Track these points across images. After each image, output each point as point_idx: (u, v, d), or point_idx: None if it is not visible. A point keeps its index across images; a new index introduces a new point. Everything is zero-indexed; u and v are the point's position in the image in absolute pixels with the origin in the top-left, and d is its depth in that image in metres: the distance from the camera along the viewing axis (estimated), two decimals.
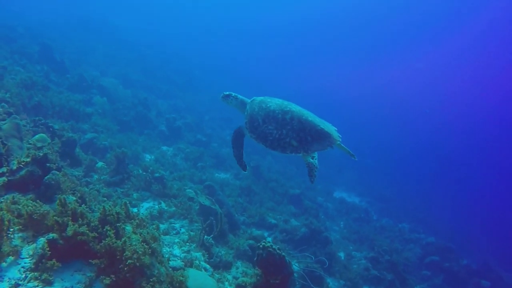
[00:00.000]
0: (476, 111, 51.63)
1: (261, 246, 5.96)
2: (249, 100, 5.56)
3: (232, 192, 12.66)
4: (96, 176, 9.00)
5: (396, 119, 51.18)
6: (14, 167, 6.14)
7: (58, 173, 6.34)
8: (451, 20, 54.15)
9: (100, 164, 9.59)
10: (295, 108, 5.05)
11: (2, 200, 5.71)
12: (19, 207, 5.25)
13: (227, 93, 5.67)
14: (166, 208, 8.70)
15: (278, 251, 5.87)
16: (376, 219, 20.33)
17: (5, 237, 4.45)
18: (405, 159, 36.98)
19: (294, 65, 65.76)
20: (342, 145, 5.06)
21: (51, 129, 9.03)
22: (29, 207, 4.90)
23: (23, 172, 6.09)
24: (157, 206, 8.70)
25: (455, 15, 52.92)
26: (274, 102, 5.12)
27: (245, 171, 5.55)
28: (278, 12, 76.31)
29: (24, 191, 6.11)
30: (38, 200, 5.97)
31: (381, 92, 59.62)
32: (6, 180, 6.02)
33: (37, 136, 7.88)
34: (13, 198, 5.56)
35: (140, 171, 9.77)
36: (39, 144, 7.65)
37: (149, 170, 9.53)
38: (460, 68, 57.06)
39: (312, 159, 4.98)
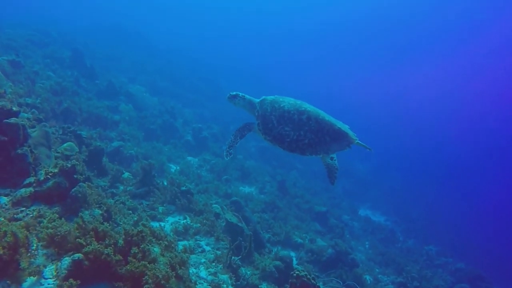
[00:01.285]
0: (496, 120, 49.69)
1: (295, 275, 5.59)
2: (258, 100, 5.39)
3: (256, 207, 12.32)
4: (122, 187, 8.81)
5: (412, 128, 49.53)
6: (42, 178, 5.97)
7: (84, 185, 6.15)
8: (469, 28, 52.95)
9: (126, 174, 9.41)
10: (309, 108, 4.89)
11: (29, 212, 5.55)
12: (44, 221, 5.06)
13: (234, 93, 5.47)
14: (191, 223, 8.41)
15: (312, 281, 5.49)
16: (402, 240, 19.63)
17: (24, 254, 4.19)
18: (425, 171, 35.50)
19: (314, 70, 65.75)
20: (359, 142, 4.89)
21: (79, 137, 8.91)
22: (49, 229, 4.64)
23: (50, 184, 5.91)
24: (182, 221, 8.42)
25: (473, 23, 51.74)
26: (287, 102, 4.96)
27: (226, 159, 5.35)
28: (299, 17, 76.40)
29: (50, 202, 5.93)
30: (63, 212, 5.84)
31: (394, 99, 58.55)
32: (33, 191, 5.86)
33: (65, 144, 7.74)
34: (39, 212, 5.37)
35: (166, 184, 9.54)
36: (67, 153, 7.50)
37: (176, 183, 9.27)
38: (477, 76, 55.59)
39: (331, 160, 4.90)
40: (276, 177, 15.96)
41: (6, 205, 5.63)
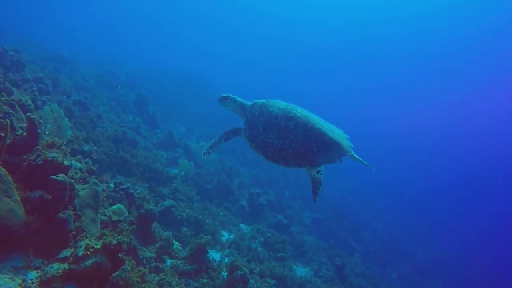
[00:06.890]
0: None
1: None
2: (249, 104, 5.05)
3: None
4: (169, 261, 7.59)
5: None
6: (80, 254, 4.85)
7: (129, 269, 4.98)
8: None
9: (176, 245, 8.22)
10: (300, 113, 4.43)
11: None
12: None
13: (225, 95, 5.32)
14: None
15: None
16: None
17: None
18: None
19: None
20: (355, 155, 4.44)
21: (131, 196, 7.94)
22: None
23: (89, 263, 4.76)
24: None
25: None
26: (277, 107, 4.58)
27: (203, 156, 5.39)
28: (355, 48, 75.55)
29: (85, 286, 4.76)
30: None
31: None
32: (67, 268, 4.74)
33: (114, 206, 6.75)
34: None
35: (219, 261, 8.22)
36: (115, 218, 6.50)
37: (234, 265, 7.90)
38: None
39: (317, 173, 4.37)
40: (335, 260, 14.17)
41: (32, 283, 4.54)
